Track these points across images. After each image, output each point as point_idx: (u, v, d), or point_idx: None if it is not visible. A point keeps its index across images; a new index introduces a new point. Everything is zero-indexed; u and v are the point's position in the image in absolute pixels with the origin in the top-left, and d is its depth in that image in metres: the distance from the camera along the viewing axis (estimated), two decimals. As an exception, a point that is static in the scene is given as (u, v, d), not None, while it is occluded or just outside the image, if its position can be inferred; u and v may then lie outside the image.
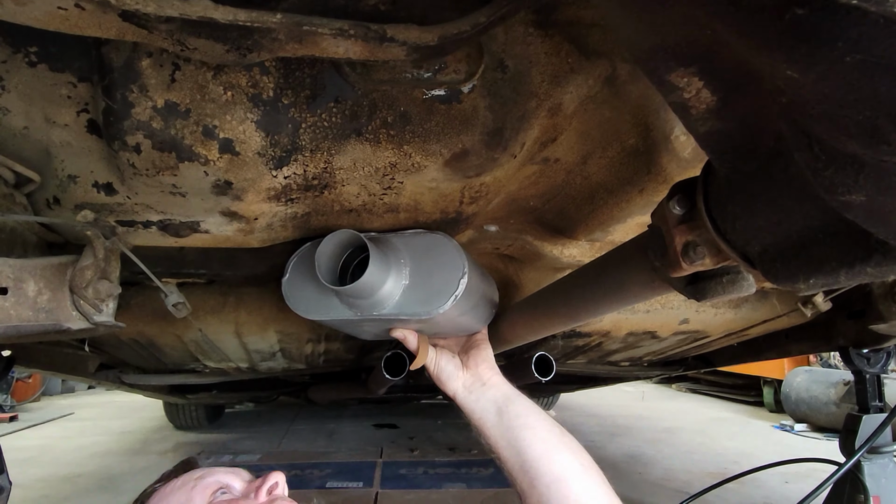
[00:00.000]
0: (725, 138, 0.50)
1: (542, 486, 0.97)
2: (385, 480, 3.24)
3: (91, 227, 0.84)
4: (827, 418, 4.39)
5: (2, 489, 1.44)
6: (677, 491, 2.97)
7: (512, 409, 1.05)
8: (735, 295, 0.67)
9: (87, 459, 3.99)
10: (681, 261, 0.64)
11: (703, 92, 0.45)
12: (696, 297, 0.70)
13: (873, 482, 1.71)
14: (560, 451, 1.01)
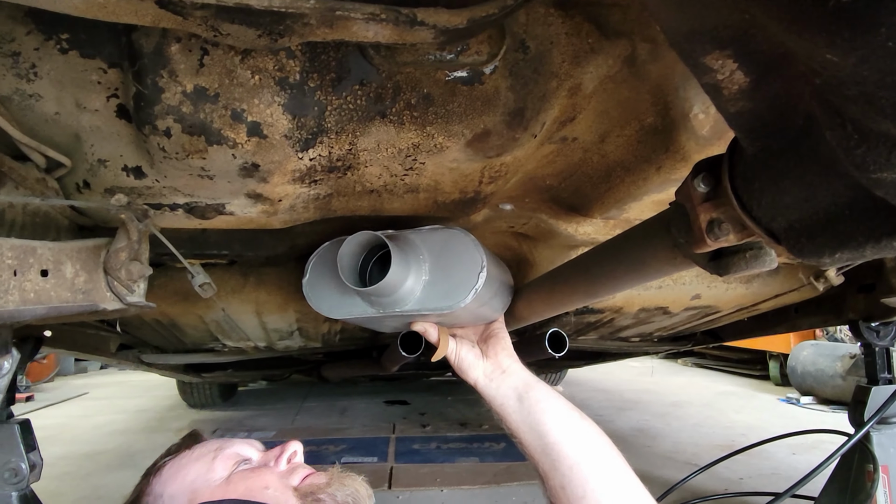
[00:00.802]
0: (755, 118, 0.51)
1: (564, 469, 1.00)
2: (399, 455, 3.31)
3: (125, 210, 0.86)
4: (833, 391, 4.43)
5: (34, 465, 1.48)
6: (686, 463, 3.02)
7: (532, 395, 1.08)
8: (757, 270, 0.69)
9: (105, 437, 4.07)
10: (705, 237, 0.66)
11: (736, 73, 0.46)
12: (718, 272, 0.72)
13: (882, 451, 1.75)
14: (580, 435, 1.04)
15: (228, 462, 0.95)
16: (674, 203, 0.76)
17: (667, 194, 1.21)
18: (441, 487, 2.72)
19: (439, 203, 1.22)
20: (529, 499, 2.56)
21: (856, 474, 1.78)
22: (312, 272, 1.24)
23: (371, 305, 1.19)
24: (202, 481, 0.92)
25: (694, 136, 1.00)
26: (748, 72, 0.46)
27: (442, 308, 1.16)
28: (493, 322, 1.28)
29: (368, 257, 1.16)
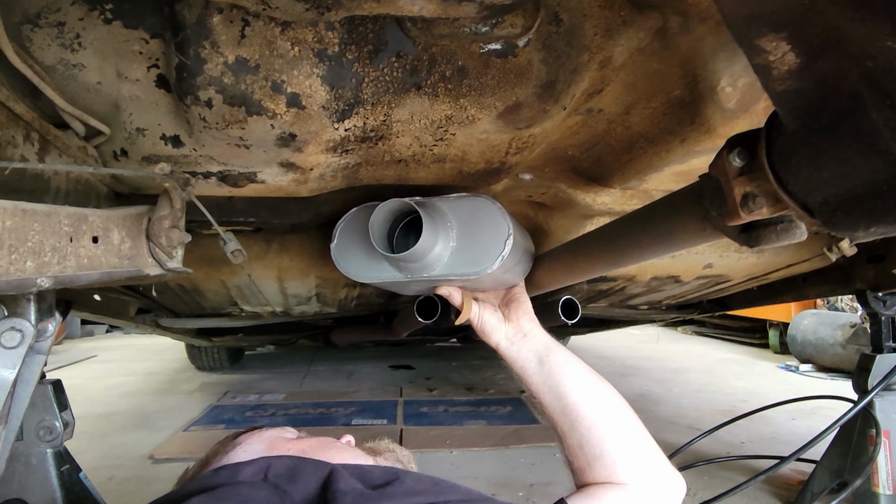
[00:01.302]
0: (800, 96, 0.53)
1: (583, 429, 1.05)
2: (408, 418, 3.38)
3: (169, 178, 0.88)
4: (832, 359, 4.51)
5: (67, 423, 1.54)
6: (689, 427, 3.10)
7: (552, 359, 1.12)
8: (788, 242, 0.72)
9: (118, 399, 4.15)
10: (739, 211, 0.69)
11: (788, 55, 0.48)
12: (749, 244, 0.74)
13: (884, 417, 1.80)
14: (599, 397, 1.09)
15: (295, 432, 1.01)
16: (705, 176, 0.79)
17: (688, 166, 1.23)
18: (451, 449, 2.80)
19: (464, 173, 1.24)
20: (538, 460, 2.63)
21: (858, 438, 1.84)
22: (340, 237, 1.27)
23: (399, 270, 1.22)
24: (276, 436, 0.98)
25: (720, 109, 1.02)
26: (799, 54, 0.48)
27: (469, 274, 1.19)
28: (514, 287, 1.32)
29: (395, 223, 1.19)
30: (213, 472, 0.75)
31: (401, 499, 0.67)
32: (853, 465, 1.85)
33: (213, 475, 0.73)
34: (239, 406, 3.76)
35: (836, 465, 1.92)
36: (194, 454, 2.79)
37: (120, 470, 2.68)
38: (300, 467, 0.74)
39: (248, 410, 3.62)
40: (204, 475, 0.76)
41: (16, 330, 0.86)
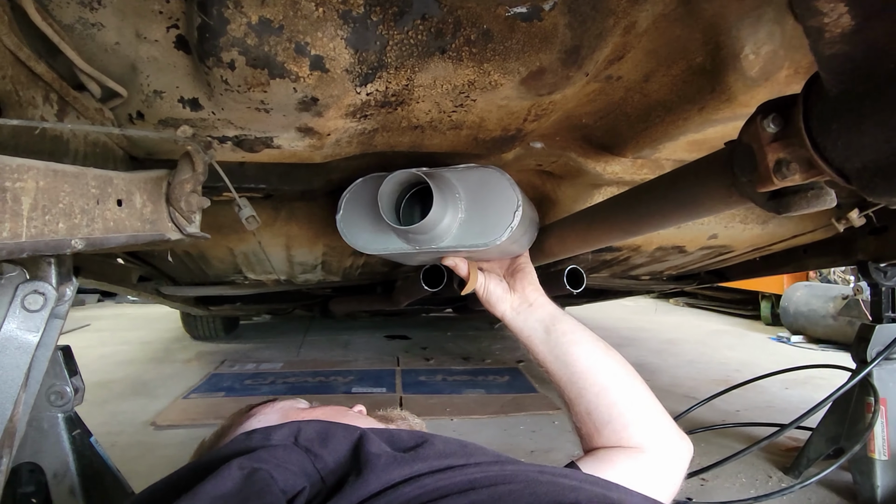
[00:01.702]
0: (848, 61, 0.53)
1: (591, 395, 1.07)
2: (406, 386, 3.42)
3: (191, 142, 0.87)
4: (824, 331, 4.58)
5: (77, 389, 1.54)
6: (685, 396, 3.15)
7: (559, 327, 1.14)
8: (818, 208, 0.72)
9: (114, 367, 4.15)
10: (772, 177, 0.69)
11: (843, 17, 0.48)
12: (778, 210, 0.75)
13: (882, 385, 1.84)
14: (606, 363, 1.10)
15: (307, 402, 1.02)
16: (735, 142, 0.79)
17: (703, 135, 1.23)
18: (451, 417, 2.84)
19: (479, 140, 1.23)
20: (537, 427, 2.67)
21: (855, 406, 1.88)
22: (346, 208, 1.27)
23: (408, 242, 1.22)
24: (290, 406, 0.99)
25: (742, 76, 1.01)
26: (855, 16, 0.48)
27: (478, 245, 1.19)
28: (518, 256, 1.32)
29: (402, 194, 1.19)
30: (246, 435, 0.76)
31: (433, 461, 0.68)
32: (850, 431, 1.90)
33: (246, 438, 0.74)
34: (237, 374, 3.78)
35: (833, 432, 1.97)
36: (196, 421, 2.83)
37: (122, 437, 2.70)
38: (331, 431, 0.75)
39: (246, 379, 3.64)
40: (237, 438, 0.76)
41: (38, 293, 0.86)
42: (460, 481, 0.66)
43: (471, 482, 0.65)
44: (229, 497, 0.58)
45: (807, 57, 0.99)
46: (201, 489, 0.58)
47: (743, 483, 2.08)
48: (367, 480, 0.64)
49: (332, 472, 0.68)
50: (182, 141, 0.86)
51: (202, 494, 0.58)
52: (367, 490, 0.64)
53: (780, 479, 2.10)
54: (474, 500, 0.62)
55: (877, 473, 1.81)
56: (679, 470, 1.05)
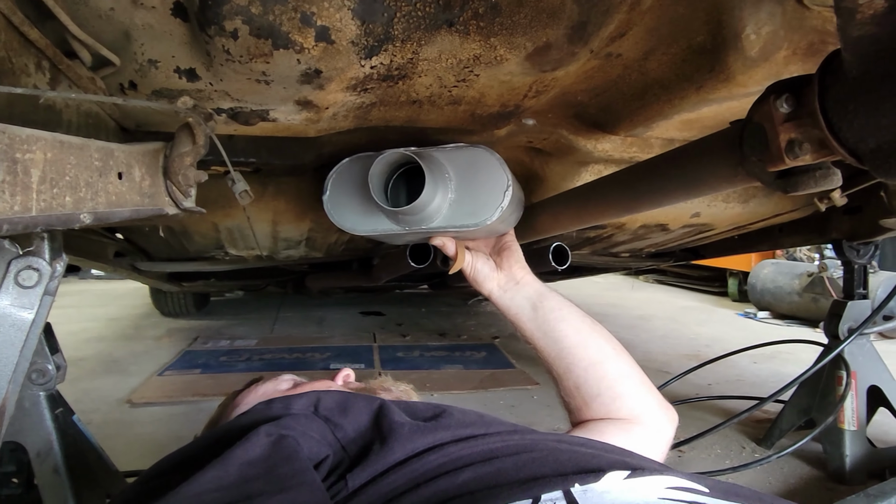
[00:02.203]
0: (874, 42, 0.54)
1: (580, 370, 1.09)
2: (384, 362, 3.42)
3: (192, 113, 0.84)
4: (789, 307, 4.72)
5: (59, 366, 1.51)
6: (658, 371, 3.23)
7: (546, 305, 1.15)
8: (825, 188, 0.74)
9: (83, 344, 4.06)
10: (784, 156, 0.70)
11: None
12: (786, 189, 0.76)
13: (852, 359, 1.91)
14: (594, 339, 1.12)
15: (290, 382, 1.02)
16: (742, 122, 0.80)
17: (697, 114, 1.24)
18: (431, 392, 2.85)
19: (476, 116, 1.22)
20: (517, 402, 2.71)
21: (826, 379, 1.95)
22: (332, 188, 1.25)
23: (397, 223, 1.21)
24: (273, 389, 0.98)
25: (742, 56, 1.02)
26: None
27: (468, 226, 1.19)
28: (504, 235, 1.33)
29: (390, 174, 1.18)
30: (265, 404, 0.75)
31: (455, 430, 0.69)
32: (821, 403, 1.97)
33: (266, 407, 0.74)
34: (211, 351, 3.74)
35: (804, 404, 2.04)
36: (173, 398, 2.80)
37: (97, 414, 2.65)
38: (350, 401, 0.75)
39: (221, 355, 3.60)
40: (256, 408, 0.76)
41: (33, 269, 0.83)
42: (483, 450, 0.66)
43: (493, 451, 0.66)
44: (258, 462, 0.58)
45: (805, 38, 1.01)
46: (231, 455, 0.58)
47: (718, 454, 2.15)
48: (392, 448, 0.65)
49: (353, 442, 0.68)
50: (183, 113, 0.83)
51: (233, 459, 0.58)
52: (392, 458, 0.64)
53: (754, 449, 2.18)
54: (499, 467, 0.62)
55: (846, 443, 1.89)
56: (666, 439, 1.09)
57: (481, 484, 0.59)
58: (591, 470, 0.59)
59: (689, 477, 0.60)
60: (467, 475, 0.61)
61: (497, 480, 0.60)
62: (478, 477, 0.61)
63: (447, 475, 0.61)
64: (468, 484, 0.60)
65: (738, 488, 0.60)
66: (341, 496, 0.60)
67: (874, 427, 2.01)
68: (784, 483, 1.93)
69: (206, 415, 2.77)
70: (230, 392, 1.11)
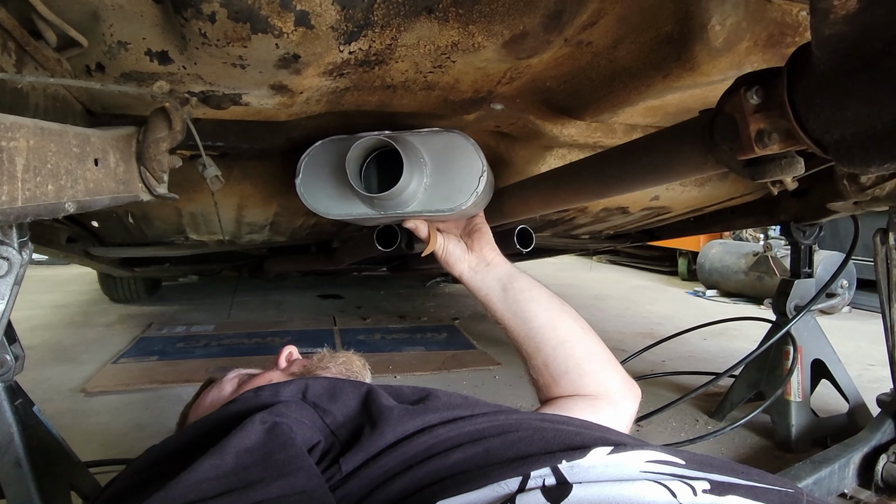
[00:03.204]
0: (843, 40, 0.58)
1: (548, 349, 1.12)
2: (346, 346, 3.39)
3: (168, 98, 0.83)
4: (735, 285, 4.92)
5: (17, 357, 1.46)
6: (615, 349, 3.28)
7: (516, 285, 1.18)
8: (789, 175, 0.78)
9: (30, 332, 3.92)
10: (754, 146, 0.74)
11: (851, 1, 0.52)
12: (753, 176, 0.80)
13: (798, 335, 2.01)
14: (562, 319, 1.16)
15: (234, 381, 1.02)
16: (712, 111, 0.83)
17: (661, 101, 1.28)
18: (395, 374, 2.87)
19: (448, 101, 1.23)
20: (479, 382, 2.76)
21: (774, 354, 2.05)
22: (305, 172, 1.24)
23: (372, 207, 1.21)
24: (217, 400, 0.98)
25: (707, 46, 1.06)
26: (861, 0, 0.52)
27: (443, 211, 1.21)
28: (474, 217, 1.35)
29: (364, 158, 1.18)
30: (254, 392, 0.75)
31: (442, 412, 0.71)
32: (769, 377, 2.07)
33: (256, 395, 0.74)
34: (167, 337, 3.66)
35: (754, 378, 2.15)
36: (130, 386, 2.74)
37: (51, 404, 2.57)
38: (338, 387, 0.76)
39: (178, 342, 3.53)
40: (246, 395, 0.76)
41: (3, 258, 0.81)
42: (471, 430, 0.68)
43: (480, 431, 0.68)
44: (255, 450, 0.59)
45: (766, 30, 1.05)
46: (227, 443, 0.58)
47: (674, 427, 2.24)
48: (383, 432, 0.66)
49: (342, 427, 0.69)
50: (160, 98, 0.81)
51: (229, 447, 0.58)
52: (384, 441, 0.66)
53: (707, 422, 2.28)
54: (488, 447, 0.65)
55: (792, 414, 2.00)
56: (630, 413, 1.14)
57: (472, 464, 0.62)
58: (576, 447, 0.62)
59: (666, 450, 0.64)
60: (458, 455, 0.63)
61: (487, 460, 0.62)
62: (468, 457, 0.63)
63: (438, 456, 0.63)
64: (459, 464, 0.62)
65: (712, 459, 0.64)
66: (335, 480, 0.62)
67: (816, 398, 2.13)
68: (735, 452, 2.03)
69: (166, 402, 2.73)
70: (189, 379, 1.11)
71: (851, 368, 2.87)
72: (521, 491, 0.55)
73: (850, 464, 1.64)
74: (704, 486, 0.54)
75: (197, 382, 2.74)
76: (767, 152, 0.75)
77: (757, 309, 4.58)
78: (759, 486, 0.57)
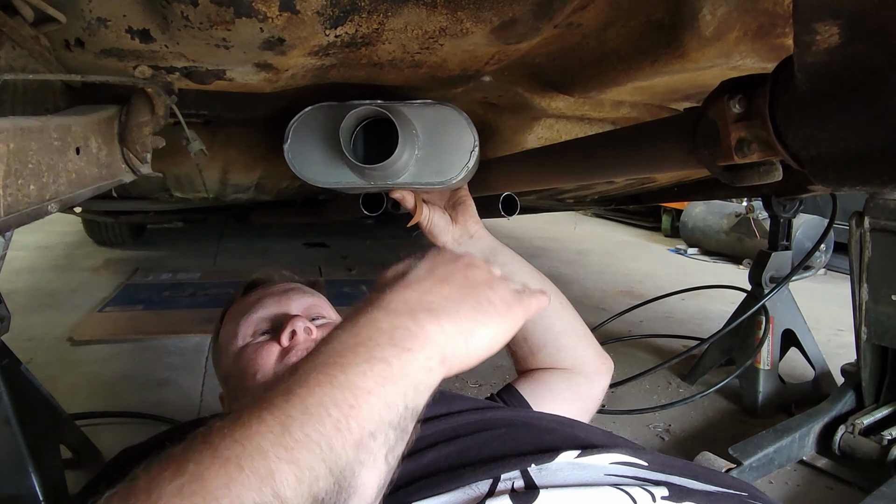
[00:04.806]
0: (825, 68, 0.58)
1: (528, 323, 1.15)
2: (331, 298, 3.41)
3: (152, 83, 0.81)
4: (717, 244, 4.99)
5: (3, 318, 1.47)
6: (595, 307, 3.39)
7: (498, 259, 1.20)
8: (767, 181, 0.80)
9: (13, 276, 3.90)
10: (734, 154, 0.75)
11: (833, 37, 0.53)
12: (732, 181, 0.82)
13: (771, 305, 2.07)
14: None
15: (248, 330, 1.02)
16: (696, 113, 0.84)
17: (649, 83, 1.28)
18: (378, 330, 2.92)
19: (436, 78, 1.22)
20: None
21: (747, 322, 2.11)
22: (294, 137, 1.23)
23: (362, 177, 1.21)
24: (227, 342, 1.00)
25: (697, 35, 1.05)
26: (843, 36, 0.52)
27: (434, 184, 1.21)
28: (459, 189, 1.36)
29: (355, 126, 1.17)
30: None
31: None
32: (741, 345, 2.14)
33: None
34: (153, 285, 3.67)
35: (726, 345, 2.21)
36: (117, 336, 2.77)
37: (37, 353, 2.60)
38: None
39: (164, 290, 3.54)
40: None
41: (-14, 242, 0.81)
42: (444, 429, 0.72)
43: (454, 429, 0.72)
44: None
45: (756, 20, 1.04)
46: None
47: (647, 389, 2.32)
48: None
49: None
50: (142, 83, 0.80)
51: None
52: None
53: (679, 384, 2.36)
54: (462, 447, 0.68)
55: (760, 381, 2.07)
56: (602, 387, 1.19)
57: (445, 464, 0.65)
58: (546, 449, 0.65)
59: (630, 451, 0.67)
60: (431, 456, 0.66)
61: (461, 460, 0.65)
62: (442, 457, 0.66)
63: (413, 456, 0.66)
64: (433, 463, 0.65)
65: (672, 461, 0.68)
66: None
67: (784, 363, 2.21)
68: (703, 416, 2.11)
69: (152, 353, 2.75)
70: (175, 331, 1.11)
71: (821, 333, 2.97)
72: (490, 495, 0.58)
73: (810, 433, 1.72)
74: (663, 493, 0.58)
75: (184, 334, 2.80)
76: (746, 161, 0.76)
77: (735, 269, 4.66)
78: (716, 492, 0.61)
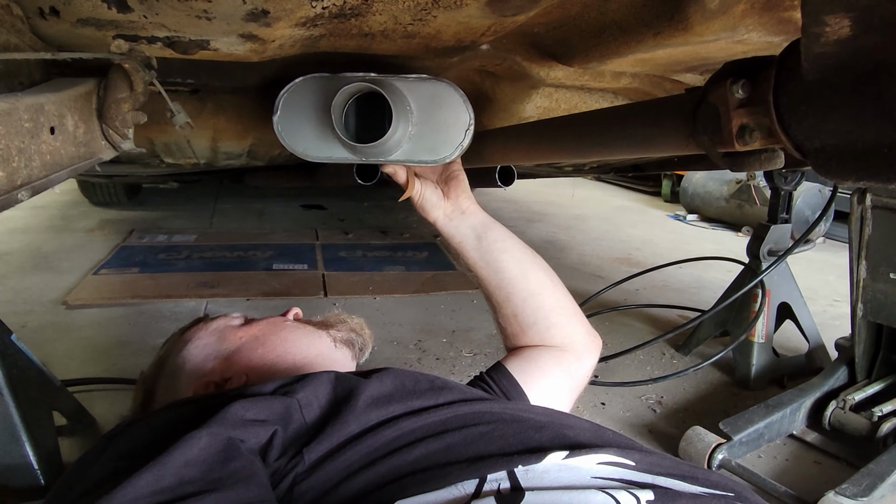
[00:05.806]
0: (833, 58, 0.55)
1: (518, 300, 1.15)
2: (327, 262, 3.44)
3: (128, 59, 0.78)
4: (716, 211, 4.96)
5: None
6: (591, 275, 3.39)
7: (490, 235, 1.18)
8: (769, 169, 0.77)
9: (8, 236, 3.88)
10: (735, 141, 0.72)
11: (843, 29, 0.49)
12: (732, 167, 0.79)
13: (768, 278, 2.06)
14: (533, 271, 1.17)
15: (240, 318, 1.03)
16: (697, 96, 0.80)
17: (651, 55, 1.24)
18: (374, 295, 2.92)
19: (430, 48, 1.18)
20: (457, 306, 2.81)
21: (743, 295, 2.10)
22: (283, 109, 1.19)
23: (354, 153, 1.18)
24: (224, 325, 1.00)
25: (702, 8, 1.01)
26: (853, 29, 0.49)
27: (427, 161, 1.17)
28: (451, 164, 1.33)
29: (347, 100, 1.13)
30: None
31: (408, 401, 0.72)
32: (736, 317, 2.14)
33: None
34: (149, 247, 3.65)
35: (721, 317, 2.21)
36: (112, 300, 2.76)
37: (32, 316, 2.60)
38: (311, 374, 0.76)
39: (160, 252, 3.52)
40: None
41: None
42: (434, 422, 0.70)
43: (443, 423, 0.70)
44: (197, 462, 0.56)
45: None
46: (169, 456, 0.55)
47: (641, 360, 2.33)
48: (346, 421, 0.68)
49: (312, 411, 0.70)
50: (118, 59, 0.77)
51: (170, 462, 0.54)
52: (347, 431, 0.67)
53: (672, 355, 2.37)
54: (449, 443, 0.67)
55: (754, 354, 2.08)
56: (591, 364, 1.19)
57: (432, 461, 0.64)
58: (533, 449, 0.64)
59: (619, 451, 0.66)
60: (419, 451, 0.65)
61: (448, 457, 0.64)
62: (429, 453, 0.65)
63: (401, 451, 0.65)
64: (420, 460, 0.64)
65: (661, 459, 0.67)
66: (298, 470, 0.63)
67: (778, 335, 2.21)
68: (695, 388, 2.13)
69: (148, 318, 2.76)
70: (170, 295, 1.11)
71: (817, 304, 2.98)
72: (476, 496, 0.58)
73: (801, 408, 1.73)
74: (649, 497, 0.57)
75: (179, 298, 2.80)
76: (748, 148, 0.73)
77: (735, 236, 4.65)
78: (701, 494, 0.60)
